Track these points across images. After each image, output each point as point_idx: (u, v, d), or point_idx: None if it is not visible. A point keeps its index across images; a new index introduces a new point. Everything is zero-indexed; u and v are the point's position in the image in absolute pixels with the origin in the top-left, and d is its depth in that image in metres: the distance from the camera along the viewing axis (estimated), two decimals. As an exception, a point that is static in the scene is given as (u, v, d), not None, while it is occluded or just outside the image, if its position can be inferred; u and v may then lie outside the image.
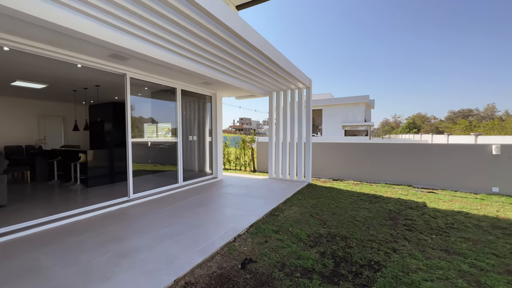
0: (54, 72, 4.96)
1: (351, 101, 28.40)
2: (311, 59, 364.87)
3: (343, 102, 28.82)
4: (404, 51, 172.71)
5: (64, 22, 2.55)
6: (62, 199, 4.77)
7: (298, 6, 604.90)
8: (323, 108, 30.35)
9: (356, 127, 28.97)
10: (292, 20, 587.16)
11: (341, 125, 28.94)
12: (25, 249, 2.71)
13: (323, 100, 30.32)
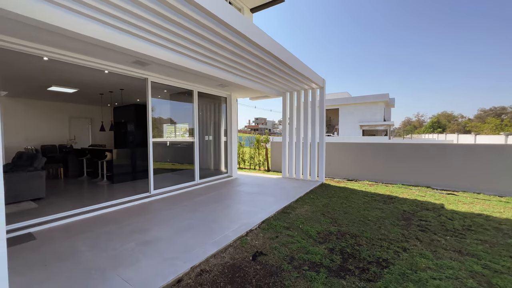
0: (84, 77, 5.43)
1: (369, 100, 27.55)
2: (327, 58, 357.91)
3: (361, 101, 28.03)
4: (433, 52, 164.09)
5: (95, 34, 2.86)
6: (91, 193, 5.22)
7: (309, 7, 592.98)
8: (340, 107, 29.73)
9: (374, 126, 28.08)
10: (307, 20, 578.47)
11: (358, 124, 28.19)
12: (62, 236, 3.06)
13: (340, 99, 29.67)
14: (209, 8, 2.77)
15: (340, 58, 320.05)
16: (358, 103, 28.43)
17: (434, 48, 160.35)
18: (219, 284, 2.16)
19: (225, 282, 2.19)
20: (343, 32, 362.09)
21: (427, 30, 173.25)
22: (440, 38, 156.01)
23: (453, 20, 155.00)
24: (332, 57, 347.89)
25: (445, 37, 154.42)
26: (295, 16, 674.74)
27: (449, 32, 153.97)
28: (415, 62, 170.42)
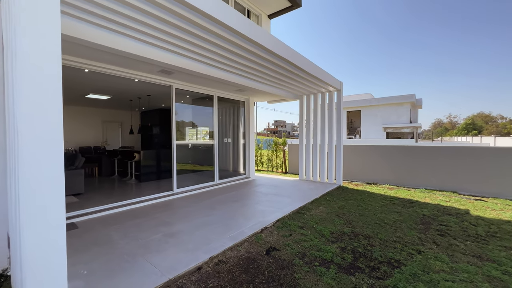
0: (117, 86, 6.02)
1: (394, 101, 26.40)
2: (347, 61, 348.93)
3: (384, 102, 26.94)
4: (468, 55, 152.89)
5: (128, 48, 3.26)
6: (122, 190, 5.74)
7: (326, 11, 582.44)
8: (362, 109, 28.82)
9: (400, 128, 26.79)
10: (324, 23, 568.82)
11: (382, 126, 27.09)
12: (100, 226, 3.48)
13: (362, 100, 28.75)
14: (232, 25, 3.02)
15: (361, 61, 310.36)
16: (382, 105, 27.36)
17: (467, 51, 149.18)
18: (235, 273, 2.37)
19: (240, 272, 2.39)
20: (362, 35, 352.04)
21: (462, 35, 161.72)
22: (474, 44, 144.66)
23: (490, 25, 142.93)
24: (354, 59, 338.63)
25: (480, 41, 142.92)
26: (313, 19, 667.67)
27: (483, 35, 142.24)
28: (447, 64, 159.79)
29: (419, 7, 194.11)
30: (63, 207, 1.58)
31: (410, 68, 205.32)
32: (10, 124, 1.90)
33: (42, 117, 1.48)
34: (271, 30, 8.56)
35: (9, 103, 1.94)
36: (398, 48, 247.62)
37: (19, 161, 1.46)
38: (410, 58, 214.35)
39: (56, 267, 1.55)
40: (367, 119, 28.57)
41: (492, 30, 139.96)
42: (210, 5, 2.76)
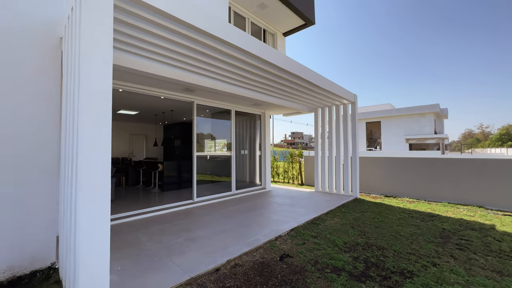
0: (145, 103, 6.64)
1: (416, 111, 25.50)
2: (373, 72, 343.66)
3: (406, 112, 26.09)
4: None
5: (157, 71, 3.72)
6: (147, 198, 6.18)
7: (342, 26, 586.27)
8: (382, 120, 28.07)
9: (423, 140, 25.62)
10: (338, 39, 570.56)
11: (404, 138, 26.09)
12: (128, 230, 3.84)
13: (382, 111, 28.05)
14: (248, 49, 3.38)
15: (384, 72, 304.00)
16: (403, 115, 26.51)
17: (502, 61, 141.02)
18: (250, 276, 2.55)
19: (254, 275, 2.57)
20: (377, 48, 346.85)
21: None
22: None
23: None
24: (371, 71, 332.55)
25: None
26: (329, 34, 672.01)
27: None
28: (477, 75, 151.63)
29: (444, 22, 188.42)
30: (109, 206, 1.91)
31: (434, 79, 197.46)
32: (68, 134, 2.33)
33: (98, 128, 1.86)
34: (286, 47, 8.97)
35: (68, 118, 2.38)
36: (417, 60, 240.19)
37: (78, 165, 1.83)
38: (434, 69, 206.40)
39: (102, 259, 1.86)
40: (387, 130, 27.72)
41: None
42: (232, 35, 3.14)
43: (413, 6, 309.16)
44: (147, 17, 2.49)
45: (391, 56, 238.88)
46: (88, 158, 1.81)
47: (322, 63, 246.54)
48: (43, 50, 2.86)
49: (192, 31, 2.86)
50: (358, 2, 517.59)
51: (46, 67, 2.87)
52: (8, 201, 2.55)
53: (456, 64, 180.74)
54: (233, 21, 7.08)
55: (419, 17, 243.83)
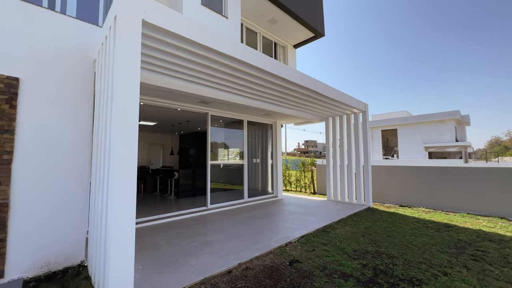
0: (163, 114, 7.07)
1: (434, 118, 24.68)
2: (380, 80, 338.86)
3: (424, 120, 25.28)
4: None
5: (176, 86, 4.07)
6: (164, 205, 6.49)
7: (352, 38, 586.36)
8: (398, 127, 27.32)
9: (444, 148, 24.55)
10: (349, 48, 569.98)
11: (422, 146, 25.15)
12: (148, 233, 4.11)
13: (398, 118, 27.35)
14: (259, 65, 3.64)
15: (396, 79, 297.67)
16: (421, 122, 25.70)
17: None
18: (260, 278, 2.69)
19: (264, 277, 2.70)
20: (385, 56, 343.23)
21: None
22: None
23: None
24: (389, 79, 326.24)
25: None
26: (337, 43, 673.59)
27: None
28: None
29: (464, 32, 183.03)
30: (134, 213, 2.17)
31: (454, 87, 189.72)
32: (100, 145, 2.65)
33: (127, 137, 2.14)
34: (296, 57, 9.24)
35: (100, 130, 2.72)
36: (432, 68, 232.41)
37: (110, 176, 2.11)
38: (453, 77, 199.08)
39: (128, 259, 2.09)
40: (404, 138, 26.90)
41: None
42: (243, 53, 3.42)
43: (427, 13, 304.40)
44: (168, 41, 2.81)
45: (404, 64, 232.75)
46: (119, 170, 2.09)
47: (332, 71, 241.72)
48: (81, 71, 3.28)
49: (207, 52, 3.16)
50: (372, 13, 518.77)
51: (81, 85, 3.27)
52: (48, 206, 2.89)
53: (477, 71, 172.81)
54: (245, 36, 7.47)
55: (433, 24, 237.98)
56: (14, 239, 2.66)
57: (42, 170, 2.89)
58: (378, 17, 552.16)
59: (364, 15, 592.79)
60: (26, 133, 2.81)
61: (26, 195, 2.76)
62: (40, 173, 2.87)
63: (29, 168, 2.80)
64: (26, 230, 2.73)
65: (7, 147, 2.65)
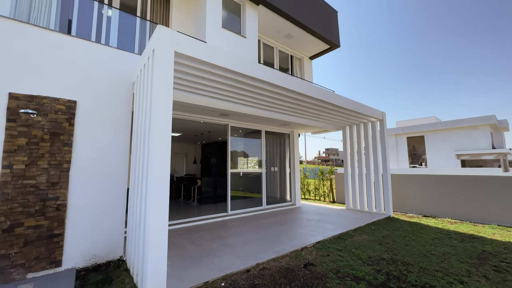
0: (187, 126, 7.67)
1: (466, 124, 23.17)
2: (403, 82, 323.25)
3: (454, 125, 23.81)
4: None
5: (200, 102, 4.54)
6: (188, 210, 6.95)
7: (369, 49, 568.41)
8: (426, 134, 25.96)
9: (478, 155, 22.80)
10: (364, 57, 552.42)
11: (454, 153, 23.57)
12: (174, 235, 4.53)
13: (425, 125, 26.02)
14: (274, 81, 4.00)
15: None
16: (451, 128, 24.23)
17: None
18: (276, 277, 2.92)
19: (280, 277, 2.93)
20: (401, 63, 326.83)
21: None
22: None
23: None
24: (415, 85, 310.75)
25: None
26: (351, 51, 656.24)
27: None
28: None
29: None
30: (167, 216, 2.56)
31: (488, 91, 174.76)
32: (138, 156, 3.13)
33: (162, 151, 2.56)
34: (313, 69, 9.50)
35: (139, 142, 3.21)
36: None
37: (148, 182, 2.53)
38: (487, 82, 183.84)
39: (162, 254, 2.47)
40: (433, 145, 25.45)
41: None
42: (258, 71, 3.80)
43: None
44: (193, 65, 3.27)
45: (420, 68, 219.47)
46: (155, 177, 2.51)
47: (347, 80, 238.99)
48: (122, 92, 3.86)
49: (226, 72, 3.58)
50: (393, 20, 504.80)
51: (123, 104, 3.85)
52: (96, 207, 3.42)
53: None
54: (263, 51, 7.94)
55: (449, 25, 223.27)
56: (70, 234, 3.19)
57: (91, 176, 3.43)
58: (393, 20, 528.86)
59: (380, 19, 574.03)
60: (80, 146, 3.39)
61: (79, 197, 3.31)
62: (90, 179, 3.42)
63: (81, 175, 3.36)
64: (79, 227, 3.26)
65: (66, 157, 3.23)
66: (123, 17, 5.02)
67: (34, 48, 3.21)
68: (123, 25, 4.95)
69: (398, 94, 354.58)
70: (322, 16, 8.13)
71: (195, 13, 5.99)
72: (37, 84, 3.19)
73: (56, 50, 3.36)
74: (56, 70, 3.33)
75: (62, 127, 3.26)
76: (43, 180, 3.07)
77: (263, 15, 6.85)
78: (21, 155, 2.97)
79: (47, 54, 3.29)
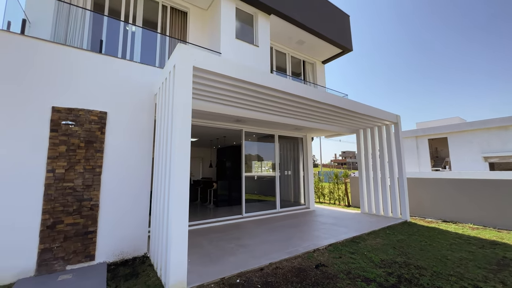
0: (203, 131, 8.02)
1: (493, 124, 21.84)
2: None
3: (481, 126, 22.49)
4: None
5: (217, 110, 4.83)
6: (205, 212, 7.26)
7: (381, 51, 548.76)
8: (449, 135, 24.74)
9: (509, 158, 21.34)
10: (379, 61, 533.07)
11: (481, 156, 22.23)
12: (193, 236, 4.80)
13: (449, 126, 24.82)
14: (285, 89, 4.19)
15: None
16: (477, 129, 22.93)
17: None
18: (288, 276, 3.07)
19: (292, 275, 3.08)
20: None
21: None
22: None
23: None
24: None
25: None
26: (366, 55, 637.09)
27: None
28: None
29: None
30: (187, 216, 2.81)
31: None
32: (161, 160, 3.44)
33: (183, 158, 2.84)
34: (325, 72, 9.56)
35: (161, 148, 3.52)
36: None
37: (170, 185, 2.81)
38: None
39: (183, 251, 2.72)
40: (457, 147, 24.17)
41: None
42: (269, 80, 4.02)
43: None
44: (210, 77, 3.54)
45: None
46: (177, 181, 2.78)
47: (360, 84, 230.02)
48: (146, 103, 4.24)
49: (241, 82, 3.83)
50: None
51: (146, 113, 4.21)
52: (123, 207, 3.77)
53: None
54: (275, 57, 8.16)
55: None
56: (101, 231, 3.55)
57: (118, 179, 3.80)
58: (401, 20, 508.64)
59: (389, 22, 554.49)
60: (110, 152, 3.78)
61: (108, 198, 3.68)
62: (117, 182, 3.78)
63: (111, 178, 3.73)
64: (109, 225, 3.62)
65: (99, 163, 3.62)
66: (145, 34, 5.47)
67: (71, 66, 3.65)
68: (145, 41, 5.40)
69: (415, 94, 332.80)
70: (334, 21, 8.22)
71: (211, 25, 6.35)
72: (74, 98, 3.62)
73: (89, 67, 3.79)
74: (90, 85, 3.76)
75: (95, 135, 3.66)
76: (79, 182, 3.47)
77: (275, 23, 7.09)
78: (61, 160, 3.39)
79: (82, 71, 3.72)
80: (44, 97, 3.41)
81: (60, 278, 3.01)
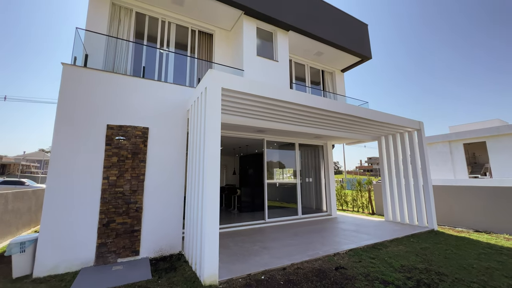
0: (227, 141, 8.56)
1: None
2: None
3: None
4: None
5: (241, 122, 5.30)
6: (229, 217, 7.70)
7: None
8: (487, 140, 22.73)
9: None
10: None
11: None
12: (220, 238, 5.17)
13: (487, 129, 22.90)
14: (300, 102, 4.54)
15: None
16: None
17: None
18: (308, 275, 3.33)
19: (312, 275, 3.33)
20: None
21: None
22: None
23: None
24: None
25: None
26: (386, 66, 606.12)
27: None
28: None
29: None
30: (218, 219, 3.25)
31: None
32: (194, 168, 3.95)
33: (215, 168, 3.30)
34: (345, 81, 9.67)
35: (194, 157, 4.04)
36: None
37: (204, 191, 3.27)
38: None
39: (214, 250, 3.14)
40: (499, 152, 22.04)
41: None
42: (286, 95, 4.40)
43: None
44: (235, 95, 4.02)
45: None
46: (209, 186, 3.24)
47: (379, 90, 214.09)
48: (180, 118, 4.84)
49: (262, 98, 4.26)
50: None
51: (180, 127, 4.81)
52: (161, 210, 4.34)
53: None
54: (294, 69, 8.53)
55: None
56: (145, 230, 4.12)
57: (157, 185, 4.38)
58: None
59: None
60: (151, 162, 4.39)
61: (150, 202, 4.26)
62: (157, 188, 4.37)
63: (151, 184, 4.33)
64: (150, 225, 4.19)
65: (142, 171, 4.25)
66: (177, 58, 6.20)
67: (120, 90, 4.37)
68: (177, 63, 6.13)
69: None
70: (352, 31, 8.42)
71: (234, 45, 6.95)
72: (123, 116, 4.31)
73: (134, 90, 4.49)
74: (135, 105, 4.45)
75: (139, 148, 4.30)
76: (127, 188, 4.10)
77: (293, 38, 7.50)
78: (114, 169, 4.05)
79: (128, 93, 4.43)
80: (102, 118, 4.13)
81: (114, 268, 3.59)
